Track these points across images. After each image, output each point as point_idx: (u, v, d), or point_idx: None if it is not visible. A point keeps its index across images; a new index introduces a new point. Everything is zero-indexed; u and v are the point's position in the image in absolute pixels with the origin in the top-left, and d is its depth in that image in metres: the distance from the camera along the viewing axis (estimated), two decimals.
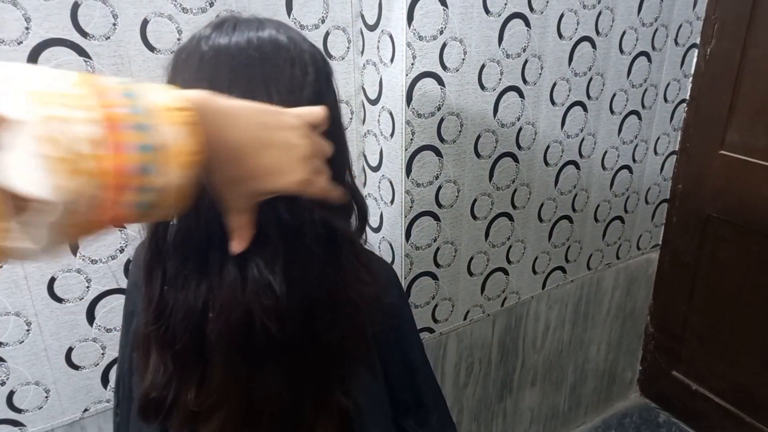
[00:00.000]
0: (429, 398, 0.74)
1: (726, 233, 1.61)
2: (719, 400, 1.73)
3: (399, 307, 0.70)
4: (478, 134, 1.20)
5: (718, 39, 1.50)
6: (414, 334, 0.73)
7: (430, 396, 0.74)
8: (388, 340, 0.68)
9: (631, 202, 1.61)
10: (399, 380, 0.70)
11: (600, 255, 1.61)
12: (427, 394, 0.73)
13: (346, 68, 1.14)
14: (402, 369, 0.70)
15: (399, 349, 0.70)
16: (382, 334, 0.67)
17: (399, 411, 0.71)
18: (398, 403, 0.71)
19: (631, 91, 1.44)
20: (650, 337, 1.89)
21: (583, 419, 1.88)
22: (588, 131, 1.40)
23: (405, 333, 0.71)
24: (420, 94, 1.09)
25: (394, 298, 0.69)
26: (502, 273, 1.40)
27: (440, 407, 0.75)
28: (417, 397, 0.73)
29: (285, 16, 1.03)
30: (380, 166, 1.19)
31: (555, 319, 1.60)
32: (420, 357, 0.73)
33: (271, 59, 0.54)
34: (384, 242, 1.26)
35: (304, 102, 0.53)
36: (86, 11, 0.86)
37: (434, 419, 0.73)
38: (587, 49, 1.30)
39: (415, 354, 0.72)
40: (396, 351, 0.69)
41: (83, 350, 1.04)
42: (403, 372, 0.71)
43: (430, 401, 0.74)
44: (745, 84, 1.48)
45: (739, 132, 1.52)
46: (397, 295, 0.70)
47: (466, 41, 1.10)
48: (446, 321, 1.35)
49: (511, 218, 1.35)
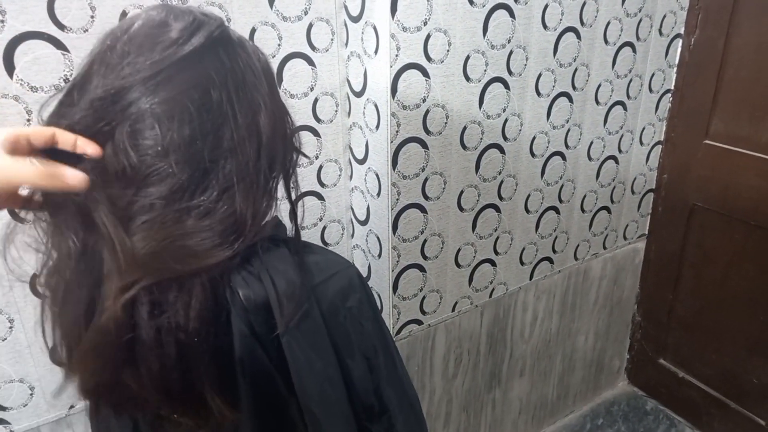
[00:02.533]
0: (393, 402, 0.73)
1: (711, 222, 1.62)
2: (706, 387, 1.75)
3: (360, 311, 0.69)
4: (464, 126, 1.20)
5: (702, 29, 1.50)
6: (379, 338, 0.72)
7: (394, 400, 0.73)
8: (348, 344, 0.68)
9: (617, 193, 1.62)
10: (363, 385, 0.69)
11: (587, 245, 1.62)
12: (392, 399, 0.73)
13: (331, 60, 1.13)
14: (365, 373, 0.70)
15: (360, 353, 0.69)
16: (341, 339, 0.67)
17: (366, 417, 0.71)
18: (365, 408, 0.70)
19: (616, 82, 1.45)
20: (637, 326, 1.91)
21: (572, 408, 1.89)
22: (574, 122, 1.40)
23: (367, 336, 0.70)
24: (405, 86, 1.08)
25: (355, 302, 0.68)
26: (489, 264, 1.41)
27: (405, 411, 0.74)
28: (381, 401, 0.72)
29: (267, 7, 1.02)
30: (366, 159, 1.19)
31: (543, 310, 1.61)
32: (385, 360, 0.72)
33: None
34: (371, 235, 1.25)
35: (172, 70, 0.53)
36: (63, 3, 0.84)
37: (399, 424, 0.73)
38: (572, 40, 1.30)
39: (380, 358, 0.71)
40: (357, 355, 0.69)
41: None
42: (367, 377, 0.70)
43: (395, 406, 0.73)
44: (728, 73, 1.48)
45: (723, 121, 1.53)
46: (359, 299, 0.68)
47: (450, 32, 1.10)
48: (434, 313, 1.35)
49: (498, 209, 1.36)
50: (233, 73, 0.56)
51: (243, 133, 0.56)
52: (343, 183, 1.25)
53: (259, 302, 0.60)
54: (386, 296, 1.27)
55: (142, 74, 0.53)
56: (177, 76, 0.53)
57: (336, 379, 0.67)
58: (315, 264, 0.67)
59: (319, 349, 0.65)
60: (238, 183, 0.56)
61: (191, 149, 0.54)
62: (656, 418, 1.89)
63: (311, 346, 0.64)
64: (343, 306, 0.67)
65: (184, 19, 0.56)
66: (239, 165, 0.56)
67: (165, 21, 0.56)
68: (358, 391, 0.69)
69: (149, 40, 0.54)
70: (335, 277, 0.67)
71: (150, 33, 0.55)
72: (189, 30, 0.55)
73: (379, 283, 1.28)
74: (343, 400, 0.68)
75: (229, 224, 0.56)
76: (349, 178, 1.26)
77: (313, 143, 1.17)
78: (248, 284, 0.60)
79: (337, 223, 1.28)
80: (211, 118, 0.55)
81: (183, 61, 0.54)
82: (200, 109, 0.54)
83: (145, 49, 0.54)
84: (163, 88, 0.53)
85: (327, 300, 0.66)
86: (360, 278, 0.70)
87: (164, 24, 0.56)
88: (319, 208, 1.23)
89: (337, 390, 0.67)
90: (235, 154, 0.56)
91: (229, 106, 0.55)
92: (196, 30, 0.56)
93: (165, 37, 0.54)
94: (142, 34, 0.55)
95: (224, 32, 0.58)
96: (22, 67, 0.85)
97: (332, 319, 0.66)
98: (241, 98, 0.57)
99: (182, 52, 0.54)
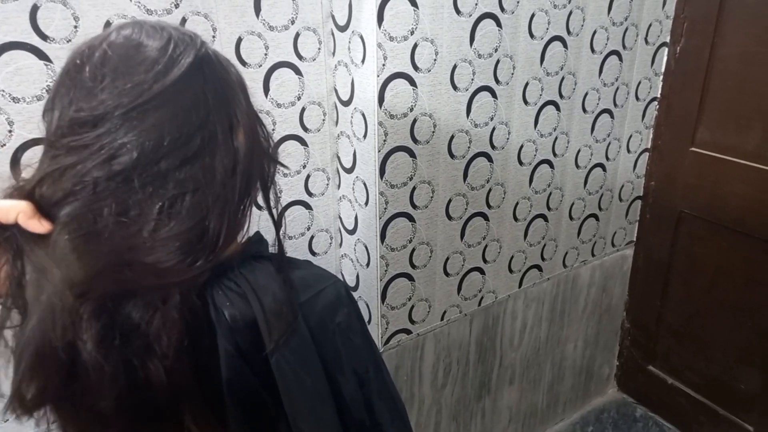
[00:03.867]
0: (385, 416, 0.72)
1: (698, 229, 1.63)
2: (695, 393, 1.75)
3: (349, 325, 0.68)
4: (452, 135, 1.20)
5: (688, 37, 1.52)
6: (368, 352, 0.71)
7: (386, 414, 0.73)
8: (337, 360, 0.67)
9: (605, 200, 1.63)
10: (353, 400, 0.69)
11: (575, 252, 1.63)
12: (383, 413, 0.72)
13: (318, 69, 1.13)
14: (355, 388, 0.69)
15: (350, 368, 0.69)
16: (330, 355, 0.66)
17: (357, 431, 0.71)
18: (355, 423, 0.70)
19: (603, 90, 1.45)
20: (626, 333, 1.91)
21: (562, 416, 1.89)
22: (561, 130, 1.41)
23: (357, 351, 0.69)
24: (392, 95, 1.08)
25: (343, 316, 0.68)
26: (478, 273, 1.41)
27: (397, 425, 0.74)
28: (373, 416, 0.72)
29: (254, 17, 1.01)
30: (354, 168, 1.19)
31: (532, 318, 1.61)
32: (375, 374, 0.72)
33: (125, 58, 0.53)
34: (359, 244, 1.25)
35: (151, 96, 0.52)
36: (46, 14, 0.83)
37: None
38: (559, 49, 1.31)
39: (370, 372, 0.71)
40: (347, 370, 0.68)
41: None
42: (357, 390, 0.70)
43: (386, 419, 0.73)
44: (714, 82, 1.50)
45: (709, 129, 1.54)
46: (347, 313, 0.68)
47: (437, 41, 1.10)
48: (423, 322, 1.35)
49: (486, 218, 1.36)
50: (215, 92, 0.55)
51: (221, 150, 0.55)
52: (330, 192, 1.25)
53: (246, 321, 0.59)
54: (374, 306, 1.26)
55: (124, 100, 0.50)
56: (165, 104, 0.52)
57: (326, 395, 0.66)
58: (301, 279, 0.66)
59: (309, 366, 0.64)
60: (213, 202, 0.54)
61: (160, 169, 0.52)
62: (646, 425, 1.89)
63: (300, 363, 0.63)
64: (332, 321, 0.67)
65: (160, 38, 0.54)
66: (212, 182, 0.54)
67: (139, 41, 0.53)
68: (348, 407, 0.69)
69: (125, 63, 0.52)
70: (323, 292, 0.67)
71: (125, 54, 0.52)
72: (169, 51, 0.53)
73: (368, 292, 1.27)
74: (333, 416, 0.67)
75: (194, 240, 0.53)
76: (337, 187, 1.26)
77: (300, 152, 1.17)
78: (233, 303, 0.59)
79: (325, 232, 1.28)
80: (191, 139, 0.53)
81: (172, 86, 0.52)
82: (182, 131, 0.52)
83: (121, 72, 0.51)
84: (150, 116, 0.51)
85: (315, 316, 0.65)
86: (347, 292, 0.70)
87: (139, 45, 0.53)
88: (307, 217, 1.22)
89: (327, 407, 0.66)
90: (209, 171, 0.54)
91: (210, 125, 0.54)
92: (181, 51, 0.53)
93: (142, 58, 0.52)
94: (116, 56, 0.52)
95: (207, 50, 0.57)
96: (4, 78, 0.84)
97: (321, 335, 0.66)
98: (222, 116, 0.55)
99: (171, 77, 0.52)
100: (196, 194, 0.53)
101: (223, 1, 0.98)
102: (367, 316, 1.29)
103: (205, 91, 0.54)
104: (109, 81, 0.51)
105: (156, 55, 0.52)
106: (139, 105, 0.51)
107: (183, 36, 0.56)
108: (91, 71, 0.52)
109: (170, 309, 0.53)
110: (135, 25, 0.55)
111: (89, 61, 0.53)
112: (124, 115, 0.50)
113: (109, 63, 0.52)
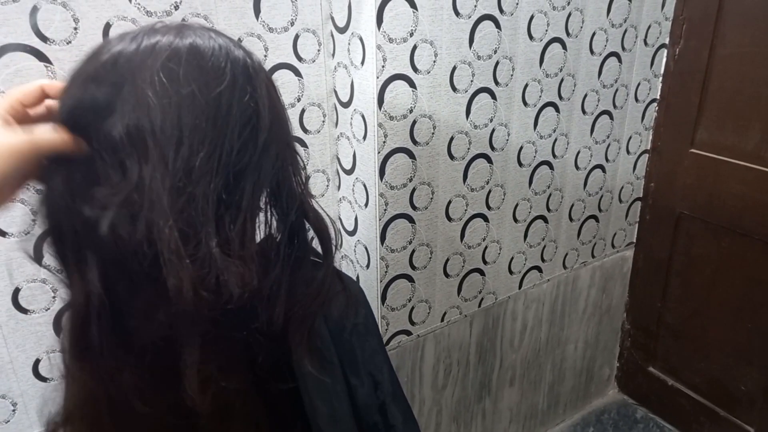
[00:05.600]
0: (398, 419, 0.73)
1: (697, 230, 1.63)
2: (695, 394, 1.75)
3: (366, 327, 0.69)
4: (451, 136, 1.20)
5: (687, 39, 1.52)
6: (382, 354, 0.72)
7: (399, 417, 0.73)
8: (353, 362, 0.67)
9: (605, 201, 1.63)
10: (367, 402, 0.69)
11: (575, 254, 1.63)
12: (396, 416, 0.72)
13: (317, 71, 1.13)
14: (371, 390, 0.69)
15: (366, 371, 0.69)
16: (346, 356, 0.66)
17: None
18: (369, 426, 0.70)
19: (603, 92, 1.46)
20: (626, 334, 1.91)
21: (562, 417, 1.89)
22: (561, 131, 1.41)
23: (373, 353, 0.70)
24: (391, 97, 1.08)
25: (361, 317, 0.68)
26: (478, 274, 1.41)
27: (410, 427, 0.74)
28: (386, 418, 0.72)
29: (253, 18, 1.01)
30: (354, 169, 1.19)
31: (532, 319, 1.61)
32: (389, 377, 0.72)
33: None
34: (359, 245, 1.25)
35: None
36: (46, 15, 0.84)
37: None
38: (558, 50, 1.31)
39: (384, 374, 0.71)
40: (363, 372, 0.69)
41: (51, 362, 1.01)
42: (372, 393, 0.70)
43: (400, 422, 0.73)
44: (713, 83, 1.50)
45: (708, 130, 1.54)
46: (365, 314, 0.69)
47: (436, 43, 1.10)
48: (423, 323, 1.35)
49: (486, 219, 1.36)
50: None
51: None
52: (330, 193, 1.25)
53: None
54: (375, 307, 1.26)
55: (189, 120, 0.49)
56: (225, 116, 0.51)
57: (343, 396, 0.66)
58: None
59: (328, 366, 0.65)
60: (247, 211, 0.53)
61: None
62: (646, 426, 1.89)
63: (321, 363, 0.63)
64: (349, 322, 0.67)
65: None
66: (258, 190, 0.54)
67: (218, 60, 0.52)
68: (362, 409, 0.69)
69: (196, 71, 0.50)
70: (340, 294, 0.67)
71: (198, 65, 0.50)
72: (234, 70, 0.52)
73: (368, 293, 1.27)
74: (350, 417, 0.67)
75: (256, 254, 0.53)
76: (337, 189, 1.26)
77: (300, 153, 1.17)
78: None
79: None
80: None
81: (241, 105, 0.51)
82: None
83: (189, 82, 0.49)
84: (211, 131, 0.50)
85: (333, 317, 0.65)
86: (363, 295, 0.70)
87: (217, 68, 0.51)
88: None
89: (344, 407, 0.66)
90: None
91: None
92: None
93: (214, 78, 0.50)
94: (189, 63, 0.50)
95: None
96: (4, 79, 0.84)
97: (338, 336, 0.66)
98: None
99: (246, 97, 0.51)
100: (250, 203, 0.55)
101: (223, 3, 0.98)
102: None
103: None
104: (175, 87, 0.51)
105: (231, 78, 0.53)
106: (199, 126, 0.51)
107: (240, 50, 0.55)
108: (157, 77, 0.51)
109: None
110: (206, 32, 0.54)
111: (158, 61, 0.51)
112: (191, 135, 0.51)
113: (183, 68, 0.52)
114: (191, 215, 0.48)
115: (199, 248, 0.49)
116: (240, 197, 0.52)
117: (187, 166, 0.48)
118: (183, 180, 0.48)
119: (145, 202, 0.48)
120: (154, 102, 0.47)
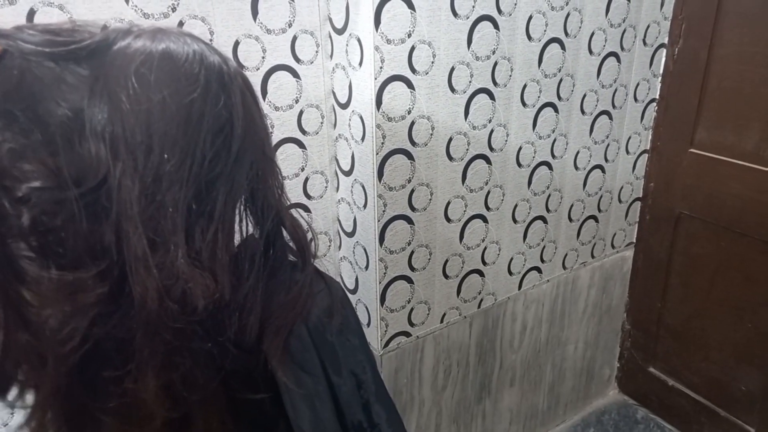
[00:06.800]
0: (383, 417, 0.73)
1: (697, 230, 1.63)
2: (695, 395, 1.75)
3: (347, 326, 0.69)
4: (450, 137, 1.20)
5: (686, 39, 1.52)
6: (364, 353, 0.72)
7: (383, 415, 0.73)
8: (335, 361, 0.67)
9: (604, 201, 1.63)
10: (350, 402, 0.69)
11: (575, 254, 1.62)
12: (381, 414, 0.72)
13: (316, 72, 1.13)
14: (353, 390, 0.69)
15: (348, 369, 0.69)
16: (327, 356, 0.66)
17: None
18: (353, 425, 0.70)
19: (602, 92, 1.45)
20: (627, 334, 1.91)
21: (563, 418, 1.89)
22: (560, 132, 1.41)
23: (355, 351, 0.70)
24: (390, 98, 1.08)
25: (341, 318, 0.68)
26: (477, 275, 1.40)
27: (394, 426, 0.74)
28: (370, 417, 0.72)
29: (251, 20, 1.01)
30: (352, 170, 1.19)
31: (532, 319, 1.61)
32: (372, 376, 0.72)
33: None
34: (358, 246, 1.25)
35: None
36: (43, 17, 0.84)
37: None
38: (556, 51, 1.31)
39: (367, 373, 0.71)
40: (345, 372, 0.68)
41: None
42: (355, 392, 0.70)
43: (384, 421, 0.73)
44: (712, 82, 1.50)
45: (707, 130, 1.54)
46: (345, 314, 0.69)
47: (434, 44, 1.10)
48: (423, 324, 1.35)
49: (485, 220, 1.36)
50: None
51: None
52: (329, 195, 1.25)
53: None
54: (374, 308, 1.26)
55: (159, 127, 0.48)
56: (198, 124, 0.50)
57: (325, 396, 0.66)
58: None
59: (309, 367, 0.64)
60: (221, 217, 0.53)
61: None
62: (647, 426, 1.89)
63: (300, 364, 0.63)
64: (330, 322, 0.67)
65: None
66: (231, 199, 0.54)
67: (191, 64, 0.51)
68: (346, 408, 0.69)
69: (167, 77, 0.49)
70: (320, 294, 0.67)
71: (170, 69, 0.50)
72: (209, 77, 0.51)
73: (367, 295, 1.27)
74: (333, 418, 0.67)
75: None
76: (336, 190, 1.26)
77: (298, 155, 1.17)
78: None
79: (324, 235, 1.27)
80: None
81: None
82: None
83: (161, 88, 0.49)
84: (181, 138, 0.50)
85: (313, 317, 0.65)
86: (344, 294, 0.70)
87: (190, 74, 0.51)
88: (306, 220, 1.22)
89: (327, 408, 0.66)
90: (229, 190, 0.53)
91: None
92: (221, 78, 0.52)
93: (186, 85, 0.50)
94: (160, 68, 0.50)
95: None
96: None
97: (319, 336, 0.66)
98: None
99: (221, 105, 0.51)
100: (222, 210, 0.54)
101: (221, 5, 0.98)
102: (367, 318, 1.29)
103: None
104: (147, 92, 0.51)
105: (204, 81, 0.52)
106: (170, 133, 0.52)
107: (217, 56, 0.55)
108: (131, 79, 0.51)
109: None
110: (186, 38, 0.54)
111: (133, 61, 0.52)
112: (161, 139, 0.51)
113: (155, 74, 0.52)
114: (160, 223, 0.48)
115: (166, 257, 0.48)
116: (212, 207, 0.51)
117: (156, 173, 0.48)
118: (152, 187, 0.48)
119: (113, 207, 0.47)
120: (126, 107, 0.47)
